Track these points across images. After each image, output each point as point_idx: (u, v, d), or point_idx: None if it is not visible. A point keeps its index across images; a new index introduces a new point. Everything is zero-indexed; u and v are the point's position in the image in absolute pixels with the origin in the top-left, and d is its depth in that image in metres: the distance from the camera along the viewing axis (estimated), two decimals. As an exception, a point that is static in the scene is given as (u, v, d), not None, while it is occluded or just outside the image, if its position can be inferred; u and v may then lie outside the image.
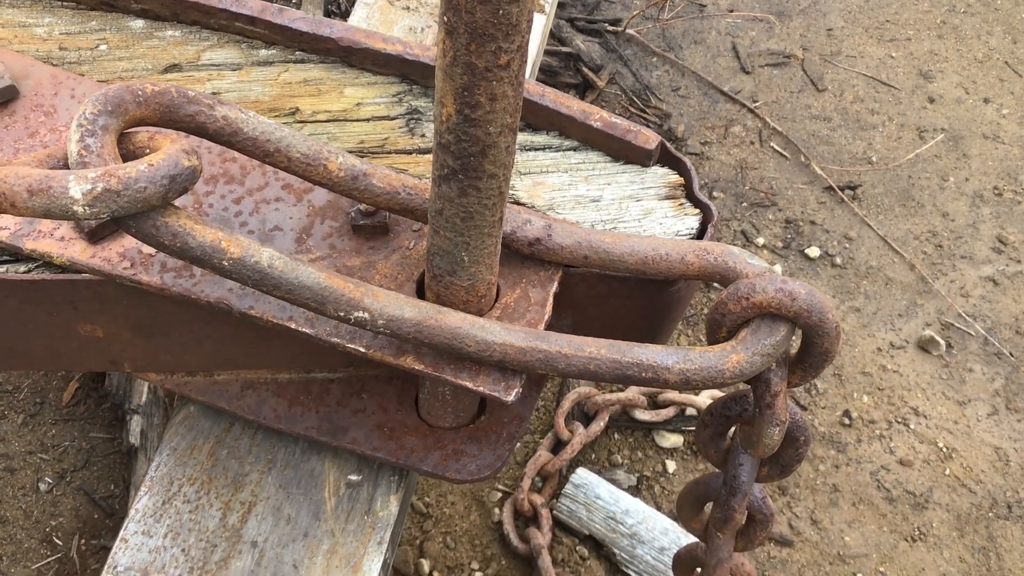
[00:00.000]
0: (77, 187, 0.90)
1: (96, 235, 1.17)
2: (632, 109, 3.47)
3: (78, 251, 1.16)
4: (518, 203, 1.27)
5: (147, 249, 1.17)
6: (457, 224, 1.02)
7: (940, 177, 3.47)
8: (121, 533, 1.28)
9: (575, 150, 1.32)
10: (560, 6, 3.70)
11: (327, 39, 1.32)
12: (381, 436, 1.30)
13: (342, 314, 1.04)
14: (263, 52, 1.35)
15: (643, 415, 2.81)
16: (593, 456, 2.78)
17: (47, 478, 2.57)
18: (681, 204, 1.28)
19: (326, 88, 1.32)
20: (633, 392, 2.81)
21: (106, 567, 1.25)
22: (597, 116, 1.27)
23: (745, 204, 3.34)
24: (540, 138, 1.32)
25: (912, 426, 2.90)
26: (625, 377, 1.09)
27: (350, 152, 1.21)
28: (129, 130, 0.99)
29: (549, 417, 2.84)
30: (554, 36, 3.55)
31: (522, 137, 1.32)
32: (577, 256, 1.16)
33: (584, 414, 2.79)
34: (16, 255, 1.19)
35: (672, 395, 2.85)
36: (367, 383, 1.35)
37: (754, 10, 3.86)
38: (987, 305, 3.18)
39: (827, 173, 3.42)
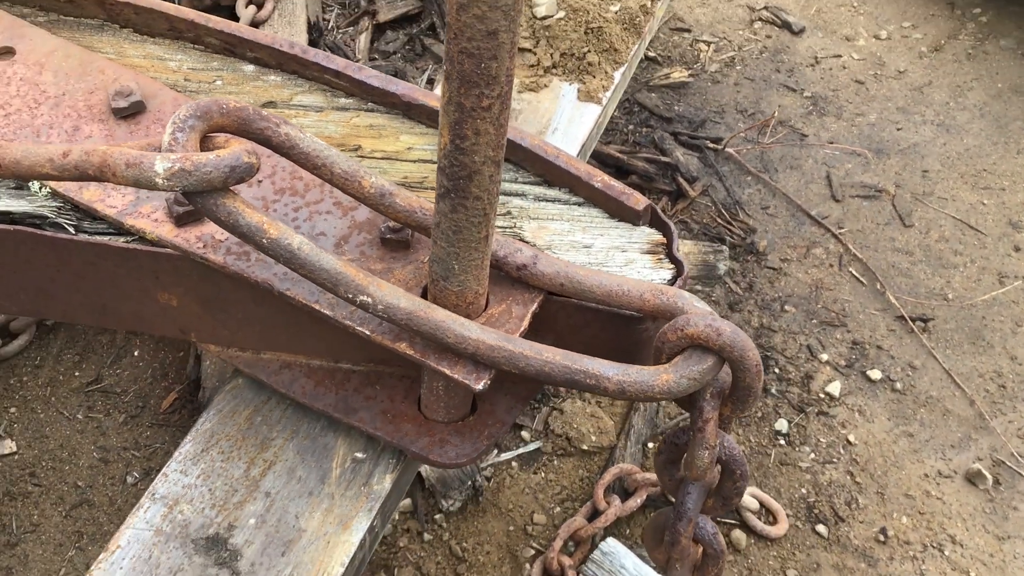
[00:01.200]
0: (160, 164, 1.21)
1: (181, 220, 1.49)
2: (719, 220, 3.69)
3: (166, 231, 1.48)
4: (522, 239, 1.53)
5: (219, 236, 1.48)
6: (450, 236, 1.29)
7: (1014, 322, 3.55)
8: (164, 469, 1.56)
9: (580, 205, 1.58)
10: (667, 120, 3.99)
11: (393, 94, 1.63)
12: (383, 419, 1.56)
13: (350, 296, 1.31)
14: (342, 100, 1.68)
15: (681, 500, 2.96)
16: (628, 531, 2.94)
17: (135, 472, 2.89)
18: (660, 259, 1.51)
19: (386, 133, 1.63)
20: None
21: (147, 493, 1.54)
22: (599, 178, 1.53)
23: (815, 321, 3.49)
24: (553, 192, 1.59)
25: (947, 553, 2.95)
26: (572, 381, 1.32)
27: (407, 190, 1.50)
28: (212, 133, 1.30)
29: (591, 488, 3.02)
30: (656, 146, 3.83)
31: (538, 190, 1.59)
32: (555, 283, 1.41)
33: (624, 489, 2.96)
34: (119, 229, 1.51)
35: (711, 485, 2.99)
36: (382, 378, 1.61)
37: (854, 145, 4.06)
38: (1043, 448, 3.23)
39: (901, 303, 3.55)
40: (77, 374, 3.10)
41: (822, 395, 3.35)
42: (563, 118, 2.05)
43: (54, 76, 1.63)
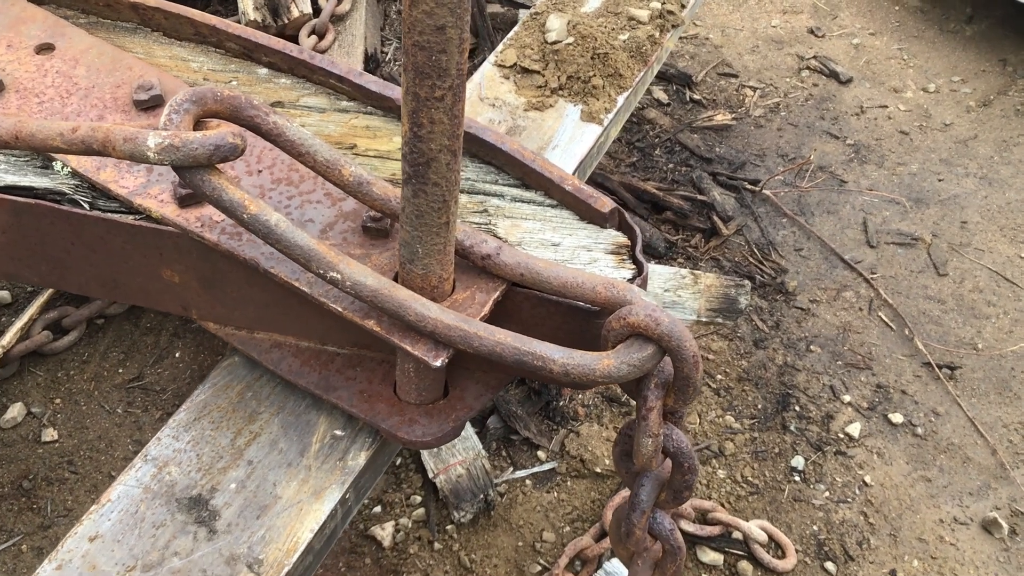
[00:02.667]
0: (152, 140, 1.35)
1: (184, 202, 1.63)
2: (751, 259, 3.75)
3: (169, 211, 1.62)
4: (495, 235, 1.64)
5: (216, 217, 1.61)
6: (413, 220, 1.40)
7: (1045, 375, 3.53)
8: (157, 434, 1.69)
9: (553, 207, 1.68)
10: (707, 160, 4.07)
11: (389, 99, 1.76)
12: (360, 398, 1.67)
13: (322, 272, 1.43)
14: (344, 103, 1.82)
15: (688, 527, 3.01)
16: (634, 554, 2.98)
17: (166, 465, 3.02)
18: (623, 259, 1.61)
19: (381, 134, 1.76)
20: (684, 504, 3.01)
21: (140, 454, 1.66)
22: (570, 182, 1.64)
23: (840, 363, 3.52)
24: (529, 194, 1.70)
25: (957, 598, 2.94)
26: (521, 362, 1.41)
27: (385, 180, 1.62)
28: (205, 118, 1.44)
29: (602, 509, 3.08)
30: (694, 185, 3.92)
31: (515, 192, 1.70)
32: (516, 273, 1.51)
33: (633, 512, 3.01)
34: (129, 208, 1.66)
35: (720, 515, 3.03)
36: (363, 361, 1.72)
37: (893, 192, 4.09)
38: (1064, 503, 3.20)
39: (929, 350, 3.55)
40: (121, 371, 3.27)
41: (841, 435, 3.36)
42: (564, 136, 2.17)
43: (86, 71, 1.80)
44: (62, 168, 1.68)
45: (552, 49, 2.27)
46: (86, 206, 1.65)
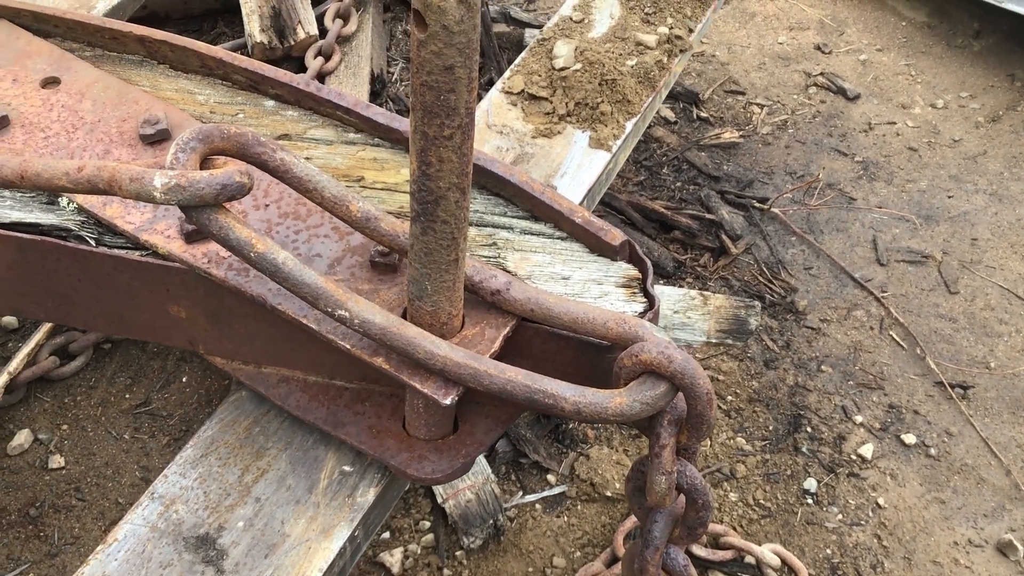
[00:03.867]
0: (159, 180, 1.33)
1: (190, 238, 1.62)
2: (760, 278, 3.73)
3: (176, 247, 1.61)
4: (504, 269, 1.62)
5: (222, 253, 1.60)
6: (422, 257, 1.39)
7: (1059, 394, 3.50)
8: (165, 471, 1.67)
9: (563, 239, 1.67)
10: (714, 179, 4.06)
11: (396, 131, 1.75)
12: (369, 434, 1.65)
13: (330, 310, 1.41)
14: (351, 135, 1.80)
15: (700, 551, 2.98)
16: (645, 579, 2.96)
17: (174, 491, 3.01)
18: (634, 293, 1.59)
19: (388, 166, 1.75)
20: (695, 528, 2.98)
21: (146, 491, 1.65)
22: (580, 214, 1.62)
23: (852, 383, 3.49)
24: (538, 226, 1.68)
25: (973, 622, 2.91)
26: (532, 400, 1.39)
27: (391, 214, 1.61)
28: (212, 156, 1.43)
29: (613, 534, 3.05)
30: (702, 203, 3.90)
31: (524, 224, 1.68)
32: (526, 309, 1.49)
33: (643, 537, 2.99)
34: (136, 244, 1.65)
35: (732, 539, 3.00)
36: (372, 396, 1.70)
37: (902, 210, 4.07)
38: (1081, 524, 3.16)
39: (941, 369, 3.52)
40: (127, 396, 3.25)
41: (854, 457, 3.33)
42: (573, 163, 2.15)
43: (92, 104, 1.79)
44: (68, 204, 1.67)
45: (560, 75, 2.26)
46: (92, 242, 1.64)
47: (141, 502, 1.63)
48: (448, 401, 1.43)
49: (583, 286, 1.60)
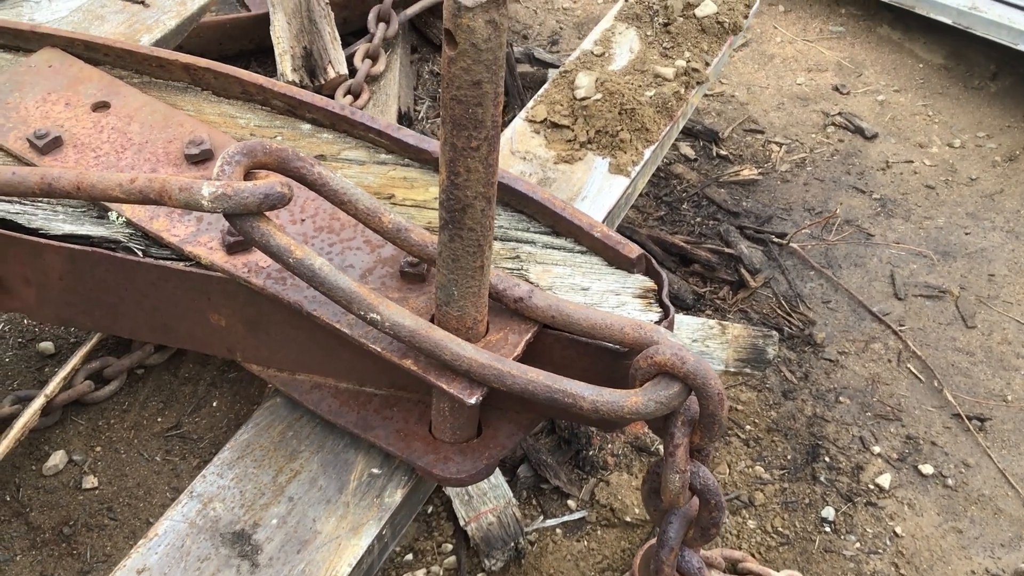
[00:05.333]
0: (207, 189, 1.44)
1: (232, 249, 1.72)
2: (779, 311, 3.79)
3: (218, 257, 1.71)
4: (526, 280, 1.71)
5: (261, 263, 1.70)
6: (449, 263, 1.48)
7: (1076, 427, 3.53)
8: (203, 471, 1.76)
9: (583, 253, 1.76)
10: (734, 215, 4.14)
11: (425, 151, 1.86)
12: (397, 437, 1.73)
13: (362, 313, 1.50)
14: (383, 156, 1.91)
15: (718, 576, 3.02)
16: (664, 602, 3.00)
17: (204, 511, 3.08)
18: (650, 303, 1.67)
19: (418, 184, 1.85)
20: (714, 552, 3.03)
21: (186, 490, 1.73)
22: (599, 229, 1.71)
23: (870, 414, 3.54)
24: (559, 241, 1.77)
25: (991, 651, 2.93)
26: (552, 399, 1.47)
27: (422, 227, 1.71)
28: (255, 169, 1.53)
29: (632, 558, 3.10)
30: (721, 238, 3.98)
31: (546, 239, 1.77)
32: (547, 316, 1.58)
33: (662, 561, 3.03)
34: (180, 256, 1.75)
35: (751, 565, 3.04)
36: (400, 401, 1.79)
37: (920, 246, 4.13)
38: (1099, 554, 3.18)
39: (959, 402, 3.56)
40: (159, 420, 3.34)
41: (872, 486, 3.37)
42: (593, 188, 2.25)
43: (140, 127, 1.91)
44: (117, 218, 1.78)
45: (581, 105, 2.36)
46: (139, 253, 1.74)
47: (180, 500, 1.71)
48: (473, 400, 1.51)
49: (602, 296, 1.69)
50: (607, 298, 1.68)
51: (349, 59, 3.95)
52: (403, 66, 4.14)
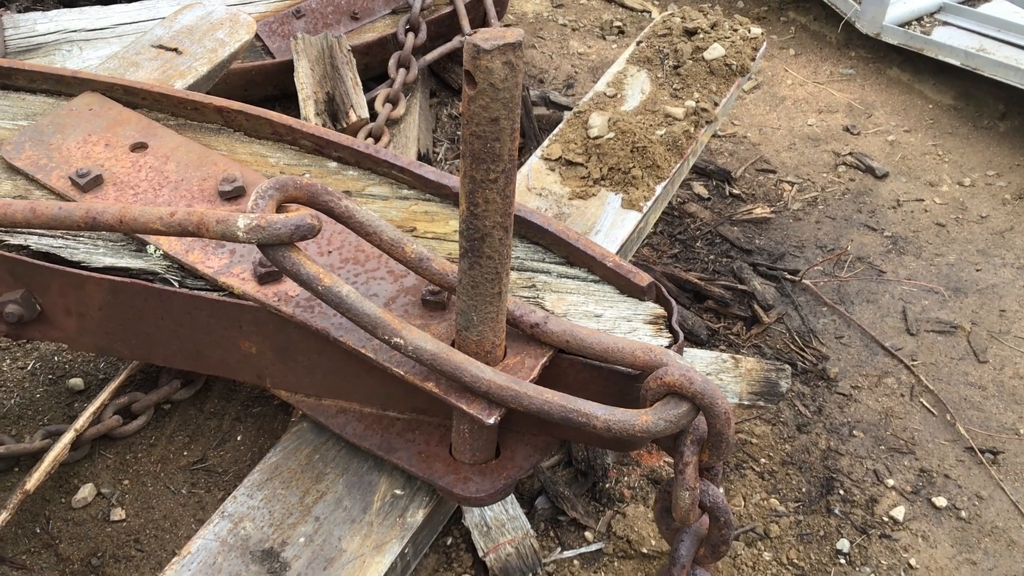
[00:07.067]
0: (242, 222, 1.53)
1: (263, 280, 1.81)
2: (792, 346, 3.85)
3: (250, 287, 1.80)
4: (541, 307, 1.79)
5: (291, 292, 1.79)
6: (469, 290, 1.56)
7: (1089, 459, 3.56)
8: (233, 492, 1.84)
9: (596, 282, 1.84)
10: (747, 252, 4.22)
11: (446, 187, 1.95)
12: (418, 459, 1.81)
13: (386, 337, 1.59)
14: (405, 191, 2.01)
15: (732, 606, 3.06)
16: (680, 632, 3.03)
17: (229, 542, 3.14)
18: (660, 329, 1.75)
19: (438, 218, 1.95)
20: (728, 583, 3.07)
21: (217, 511, 1.81)
22: (611, 259, 1.80)
23: (883, 447, 3.58)
24: (573, 271, 1.86)
25: None
26: (567, 419, 1.55)
27: (443, 257, 1.80)
28: (286, 203, 1.63)
29: (647, 588, 3.14)
30: (734, 275, 4.05)
31: (561, 268, 1.86)
32: (562, 340, 1.66)
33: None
34: (214, 286, 1.85)
35: (763, 595, 3.08)
36: (421, 425, 1.87)
37: (931, 282, 4.19)
38: (1113, 585, 3.20)
39: (971, 435, 3.60)
40: (186, 454, 3.42)
41: (886, 519, 3.40)
42: (606, 222, 2.34)
43: (176, 166, 2.02)
44: (155, 251, 1.88)
45: (594, 143, 2.46)
46: (176, 284, 1.84)
47: (212, 519, 1.79)
48: (492, 420, 1.59)
49: (614, 323, 1.77)
50: (619, 324, 1.77)
51: (370, 103, 4.07)
52: (422, 110, 4.27)
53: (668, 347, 1.73)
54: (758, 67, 4.00)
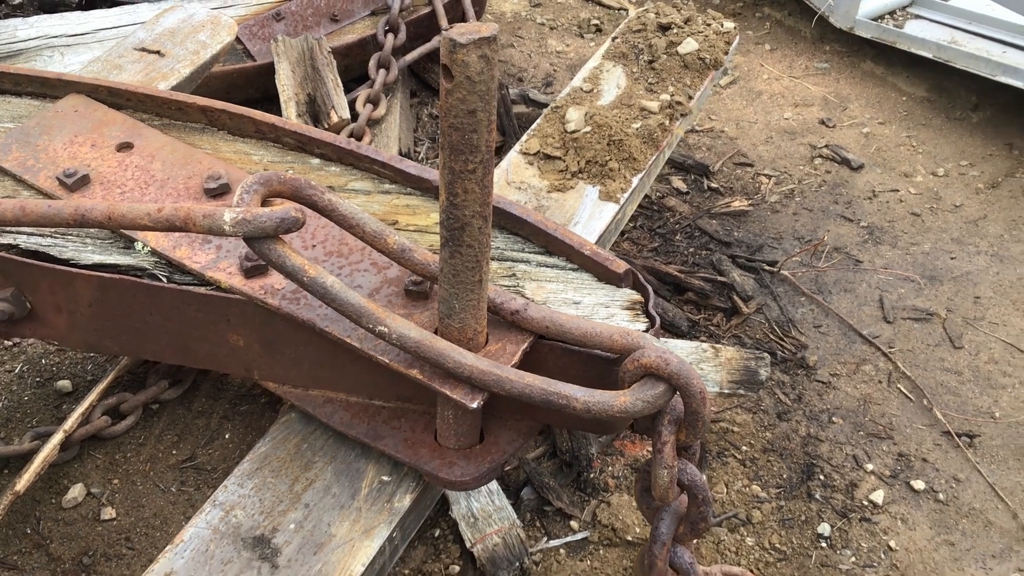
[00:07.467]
0: (228, 215, 1.58)
1: (249, 274, 1.86)
2: (772, 336, 3.92)
3: (236, 281, 1.85)
4: (522, 295, 1.85)
5: (277, 286, 1.83)
6: (450, 278, 1.61)
7: (1063, 441, 3.63)
8: (225, 482, 1.88)
9: (574, 271, 1.89)
10: (726, 244, 4.28)
11: (426, 180, 2.00)
12: (404, 445, 1.86)
13: (371, 326, 1.64)
14: (387, 185, 2.06)
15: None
16: (665, 617, 3.08)
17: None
18: (637, 314, 1.81)
19: (419, 211, 1.99)
20: (714, 569, 3.12)
21: (209, 500, 1.86)
22: (588, 247, 1.85)
23: (862, 433, 3.65)
24: (552, 259, 1.91)
25: (984, 657, 3.01)
26: (548, 401, 1.60)
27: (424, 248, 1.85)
28: (271, 197, 1.67)
29: (632, 575, 3.19)
30: (714, 267, 4.11)
31: (540, 258, 1.91)
32: (542, 326, 1.71)
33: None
34: (201, 281, 1.89)
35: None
36: (407, 414, 1.92)
37: (907, 271, 4.26)
38: (1088, 562, 3.27)
39: (948, 420, 3.67)
40: (174, 452, 3.45)
41: (866, 502, 3.46)
42: (585, 214, 2.39)
43: (162, 165, 2.06)
44: (142, 248, 1.92)
45: (572, 137, 2.51)
46: (164, 279, 1.88)
47: (204, 508, 1.83)
48: (475, 404, 1.64)
49: (592, 309, 1.82)
50: (597, 311, 1.82)
51: (351, 104, 4.10)
52: (403, 110, 4.31)
53: (645, 331, 1.78)
54: (732, 61, 4.06)
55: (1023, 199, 4.65)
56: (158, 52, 2.85)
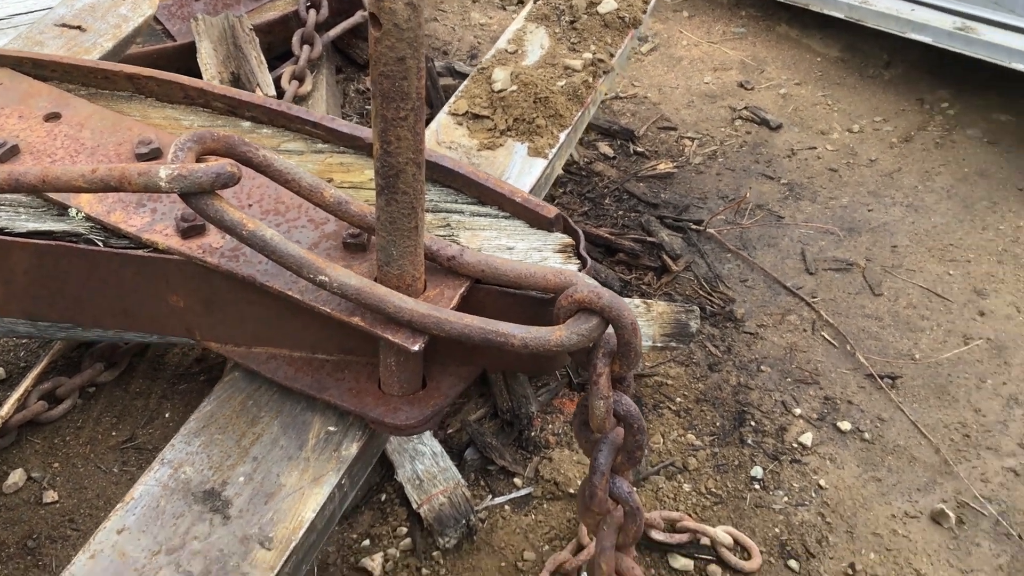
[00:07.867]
0: (164, 172, 1.60)
1: (186, 234, 1.88)
2: (701, 292, 4.03)
3: (174, 242, 1.87)
4: (456, 243, 1.90)
5: (215, 244, 1.86)
6: (387, 226, 1.66)
7: (978, 378, 3.80)
8: (171, 440, 1.91)
9: (507, 218, 1.95)
10: (653, 206, 4.38)
11: (359, 138, 2.04)
12: (349, 394, 1.90)
13: (312, 276, 1.68)
14: (319, 145, 2.09)
15: (659, 536, 3.21)
16: (609, 565, 3.18)
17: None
18: (569, 257, 1.87)
19: (354, 169, 2.03)
20: (654, 514, 3.22)
21: (156, 459, 1.88)
22: (519, 195, 1.91)
23: (789, 380, 3.77)
24: (485, 209, 1.97)
25: (913, 585, 3.15)
26: (487, 340, 1.66)
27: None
28: (205, 155, 1.70)
29: (577, 527, 3.28)
30: (643, 228, 4.21)
31: (473, 208, 1.97)
32: (478, 270, 1.77)
33: (605, 526, 3.22)
34: (138, 244, 1.91)
35: (688, 523, 3.24)
36: (350, 365, 1.96)
37: (827, 224, 4.41)
38: (1004, 492, 3.44)
39: (870, 363, 3.82)
40: (114, 434, 3.45)
41: (795, 445, 3.59)
42: (515, 170, 2.45)
43: (91, 133, 2.07)
44: (77, 214, 1.93)
45: (499, 97, 2.56)
46: (100, 244, 1.90)
47: (152, 467, 1.86)
48: (417, 347, 1.69)
49: (526, 254, 1.88)
50: (531, 255, 1.88)
51: (276, 82, 4.10)
52: (329, 86, 4.32)
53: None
54: (650, 20, 4.14)
55: (935, 151, 4.82)
56: (79, 27, 2.83)
